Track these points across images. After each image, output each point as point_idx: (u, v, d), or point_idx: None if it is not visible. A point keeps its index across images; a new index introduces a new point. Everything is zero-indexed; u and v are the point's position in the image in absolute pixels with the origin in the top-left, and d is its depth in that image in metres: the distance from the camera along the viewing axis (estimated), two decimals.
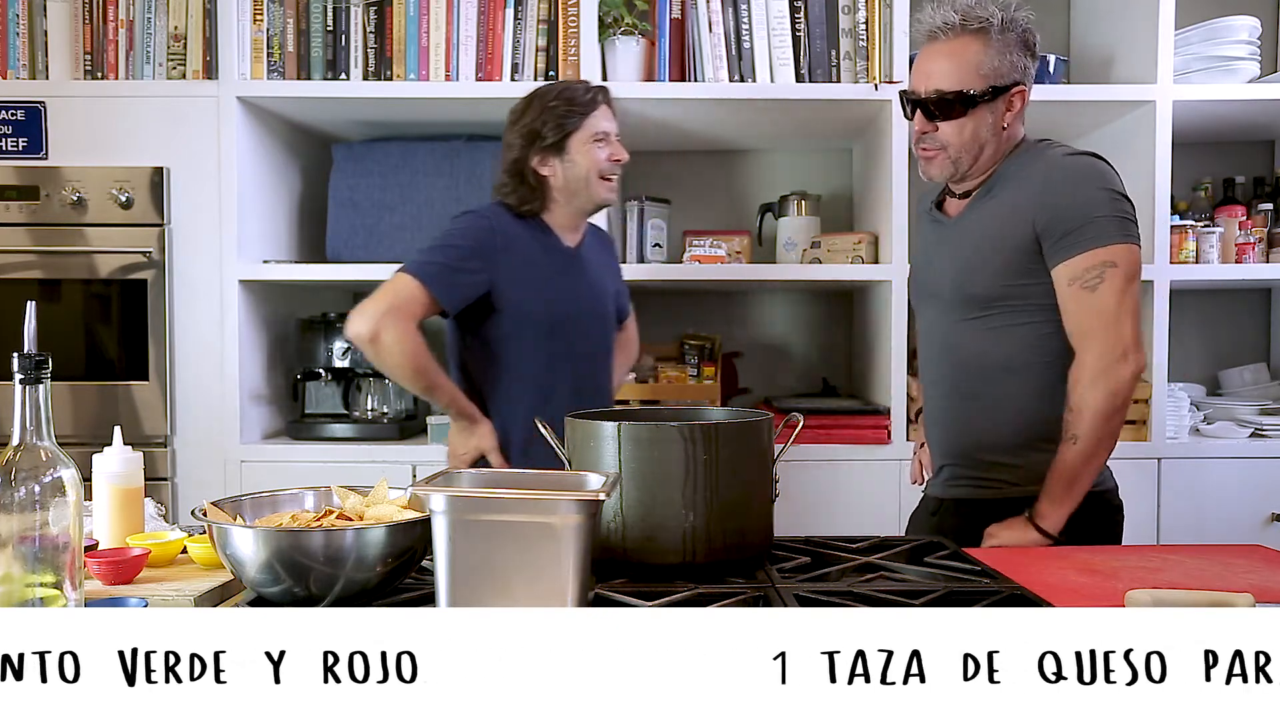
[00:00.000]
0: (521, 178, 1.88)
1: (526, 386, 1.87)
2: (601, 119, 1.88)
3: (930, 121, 1.59)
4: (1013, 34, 1.56)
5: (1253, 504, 2.42)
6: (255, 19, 2.40)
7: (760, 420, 1.28)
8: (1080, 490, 1.52)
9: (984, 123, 1.57)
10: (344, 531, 1.04)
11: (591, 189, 1.89)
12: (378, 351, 1.75)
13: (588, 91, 1.88)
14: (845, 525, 2.26)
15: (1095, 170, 1.55)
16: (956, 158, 1.60)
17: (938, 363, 1.72)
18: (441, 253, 1.81)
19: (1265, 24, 2.67)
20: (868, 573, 1.25)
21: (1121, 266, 1.50)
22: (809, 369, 3.03)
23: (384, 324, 1.72)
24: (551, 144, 1.85)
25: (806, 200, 2.75)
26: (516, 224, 1.89)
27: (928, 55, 1.60)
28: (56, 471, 0.95)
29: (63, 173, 2.35)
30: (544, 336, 1.87)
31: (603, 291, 2.01)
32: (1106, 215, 1.51)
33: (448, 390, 1.83)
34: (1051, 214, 1.52)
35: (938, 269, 1.69)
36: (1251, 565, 1.30)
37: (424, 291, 1.76)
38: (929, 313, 1.75)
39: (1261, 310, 2.98)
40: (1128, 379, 1.50)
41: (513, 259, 1.85)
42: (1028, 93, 1.60)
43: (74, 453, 0.99)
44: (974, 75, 1.55)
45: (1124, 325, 1.50)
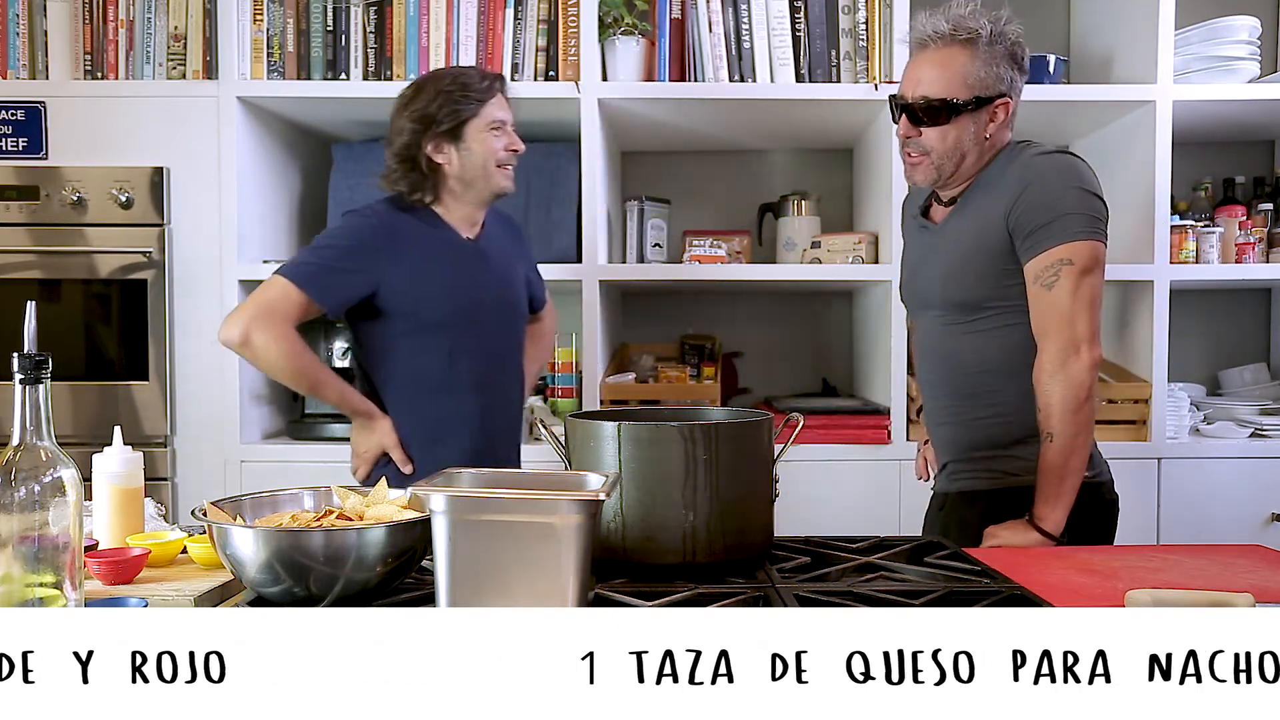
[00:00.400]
0: (413, 164, 1.81)
1: (423, 385, 1.84)
2: (497, 108, 1.83)
3: (915, 127, 1.63)
4: (1001, 47, 1.60)
5: (1253, 504, 2.42)
6: (255, 19, 2.40)
7: (760, 420, 1.28)
8: (1071, 485, 1.54)
9: (966, 131, 1.61)
10: (344, 531, 1.04)
11: (490, 177, 1.83)
12: (252, 355, 1.73)
13: (484, 79, 1.83)
14: (845, 525, 2.26)
15: (1063, 167, 1.58)
16: (939, 163, 1.64)
17: (934, 367, 1.75)
18: (317, 253, 1.79)
19: (1265, 24, 2.67)
20: (868, 573, 1.25)
21: (1078, 262, 1.53)
22: (809, 369, 3.03)
23: (253, 327, 1.70)
24: (447, 130, 1.79)
25: (806, 200, 2.75)
26: (405, 218, 1.84)
27: (917, 62, 1.64)
28: (56, 471, 0.95)
29: (63, 173, 2.35)
30: (440, 333, 1.83)
31: (509, 282, 1.95)
32: (1069, 212, 1.54)
33: (334, 387, 1.81)
34: (1021, 213, 1.56)
35: (926, 276, 1.72)
36: (1251, 565, 1.30)
37: (298, 293, 1.73)
38: (922, 319, 1.78)
39: (1261, 310, 2.98)
40: (1084, 370, 1.53)
41: (399, 255, 1.80)
42: (1012, 105, 1.64)
43: (74, 453, 0.99)
44: (960, 84, 1.59)
45: (1078, 320, 1.54)
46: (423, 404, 1.84)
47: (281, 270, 1.76)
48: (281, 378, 1.80)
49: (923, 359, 1.80)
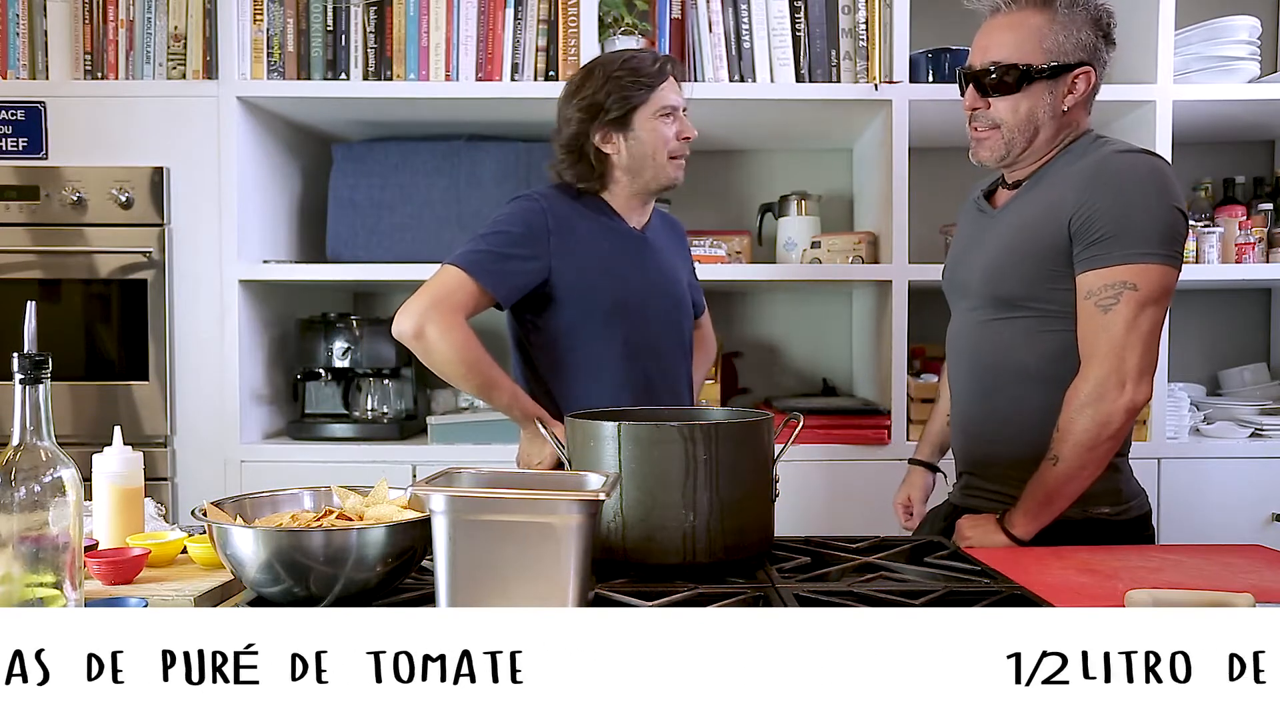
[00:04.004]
0: (580, 154, 1.74)
1: (596, 382, 1.73)
2: (670, 92, 1.73)
3: (983, 97, 1.49)
4: (1083, 10, 1.45)
5: (1253, 504, 2.42)
6: (255, 19, 2.40)
7: (760, 420, 1.28)
8: (1057, 509, 1.45)
9: (1041, 102, 1.47)
10: (344, 531, 1.04)
11: (659, 168, 1.74)
12: (425, 349, 1.62)
13: (655, 61, 1.73)
14: (845, 525, 2.26)
15: (1146, 171, 1.42)
16: (1010, 139, 1.50)
17: (962, 364, 1.64)
18: (487, 240, 1.67)
19: (1265, 24, 2.67)
20: (868, 573, 1.25)
21: (1143, 289, 1.39)
22: (809, 369, 3.03)
23: (428, 318, 1.60)
24: (615, 118, 1.70)
25: (806, 200, 2.75)
26: (574, 205, 1.75)
27: (986, 30, 1.50)
28: (56, 471, 0.95)
29: (63, 173, 2.35)
30: (613, 325, 1.73)
31: (675, 277, 1.86)
32: (1144, 226, 1.39)
33: (507, 389, 1.68)
34: (1087, 216, 1.41)
35: (969, 263, 1.60)
36: (1251, 565, 1.29)
37: (471, 283, 1.63)
38: (957, 309, 1.67)
39: (1261, 310, 2.98)
40: (1121, 411, 1.40)
41: (571, 242, 1.71)
42: (1096, 77, 1.47)
43: (74, 453, 0.99)
44: (1035, 49, 1.45)
45: (1129, 354, 1.40)
46: (593, 393, 1.72)
47: (452, 259, 1.66)
48: (450, 372, 1.65)
49: (952, 355, 1.68)
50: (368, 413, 2.58)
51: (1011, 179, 1.58)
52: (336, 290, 2.79)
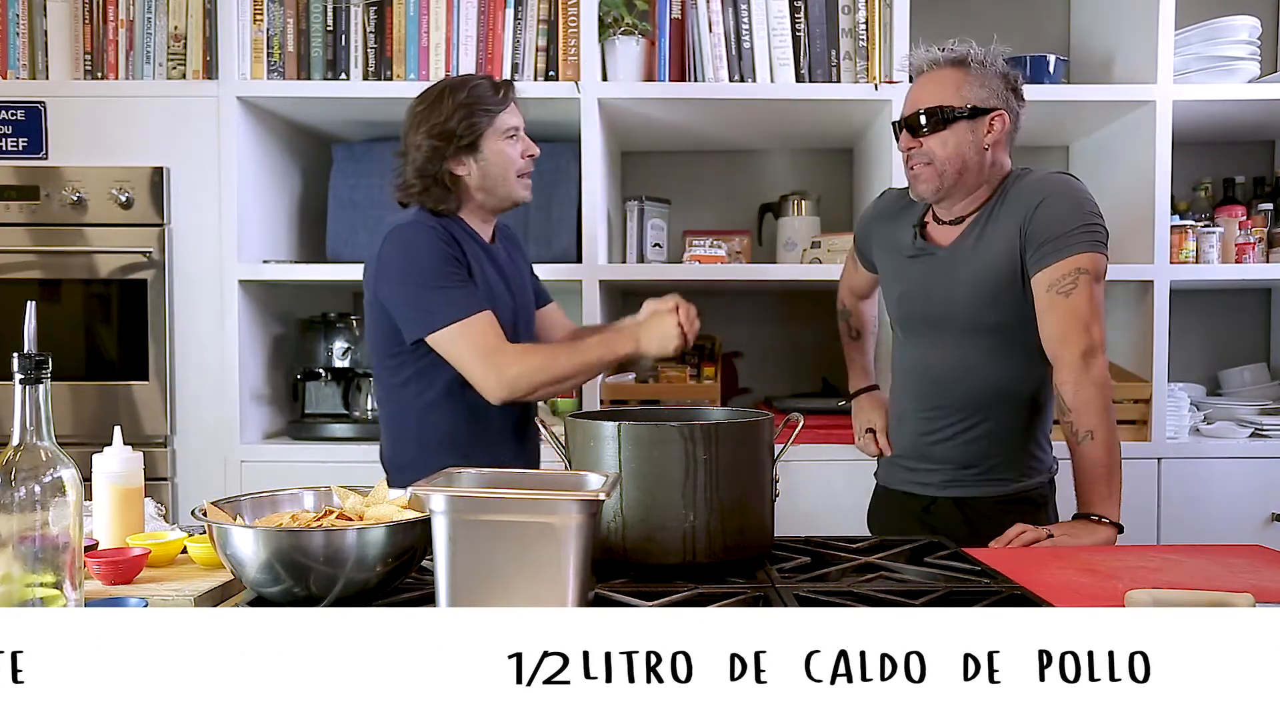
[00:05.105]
0: (435, 179, 1.78)
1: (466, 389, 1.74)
2: (511, 115, 1.81)
3: (915, 137, 1.71)
4: (992, 68, 1.71)
5: (1253, 504, 2.42)
6: (255, 19, 2.40)
7: (760, 420, 1.28)
8: (1120, 478, 1.62)
9: (965, 139, 1.69)
10: (344, 531, 1.04)
11: (510, 187, 1.81)
12: (530, 386, 1.68)
13: (496, 88, 1.81)
14: (845, 525, 2.25)
15: (1071, 186, 1.70)
16: (942, 170, 1.70)
17: (945, 388, 1.77)
18: (438, 281, 1.70)
19: (1265, 24, 2.67)
20: (868, 573, 1.25)
21: (1091, 272, 1.64)
22: (809, 369, 3.02)
23: (498, 371, 1.66)
24: (466, 144, 1.77)
25: (806, 200, 2.75)
26: (449, 224, 1.79)
27: (915, 87, 1.75)
28: (56, 471, 0.95)
29: (63, 173, 2.35)
30: None
31: (523, 284, 1.94)
32: (1083, 224, 1.65)
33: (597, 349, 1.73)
34: (1033, 227, 1.66)
35: (942, 298, 1.75)
36: (1251, 565, 1.30)
37: (482, 317, 1.69)
38: (926, 338, 1.81)
39: (1261, 310, 2.98)
40: (1104, 371, 1.64)
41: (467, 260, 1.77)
42: (1008, 122, 1.71)
43: (74, 453, 0.99)
44: (955, 95, 1.69)
45: (1094, 325, 1.63)
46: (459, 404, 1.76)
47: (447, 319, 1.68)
48: (564, 385, 1.73)
49: (921, 377, 1.82)
50: (368, 413, 2.57)
51: (949, 215, 1.77)
52: (336, 290, 2.79)
